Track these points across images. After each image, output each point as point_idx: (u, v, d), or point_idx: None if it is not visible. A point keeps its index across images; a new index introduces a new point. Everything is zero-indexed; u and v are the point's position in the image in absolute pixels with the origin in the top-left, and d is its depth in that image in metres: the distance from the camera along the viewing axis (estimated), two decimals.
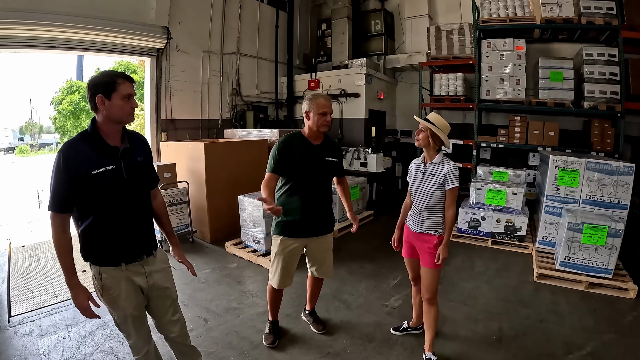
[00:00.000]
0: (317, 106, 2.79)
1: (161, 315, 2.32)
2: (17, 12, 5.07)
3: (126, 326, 2.18)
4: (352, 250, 5.40)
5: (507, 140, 7.05)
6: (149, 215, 2.26)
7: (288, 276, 3.05)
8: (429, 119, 2.74)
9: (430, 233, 2.75)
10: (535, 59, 6.97)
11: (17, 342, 3.23)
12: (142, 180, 2.16)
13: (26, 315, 3.66)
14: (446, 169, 2.67)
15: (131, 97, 1.99)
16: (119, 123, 2.02)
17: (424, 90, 8.25)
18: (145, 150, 2.23)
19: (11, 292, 4.09)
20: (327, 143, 2.99)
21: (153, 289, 2.22)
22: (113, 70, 1.99)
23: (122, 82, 1.95)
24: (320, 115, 2.79)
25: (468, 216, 5.60)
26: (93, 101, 1.92)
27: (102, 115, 1.96)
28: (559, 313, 3.62)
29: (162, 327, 2.36)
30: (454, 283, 4.30)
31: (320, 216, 3.01)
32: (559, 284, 4.22)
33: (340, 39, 9.34)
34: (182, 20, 7.12)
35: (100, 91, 1.91)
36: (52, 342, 3.21)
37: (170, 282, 2.34)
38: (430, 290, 2.80)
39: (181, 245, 2.54)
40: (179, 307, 2.41)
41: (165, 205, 2.46)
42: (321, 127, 2.82)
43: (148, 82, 6.97)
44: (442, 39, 7.73)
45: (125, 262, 2.08)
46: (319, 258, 3.13)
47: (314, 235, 3.01)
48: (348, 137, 8.76)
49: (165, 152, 6.56)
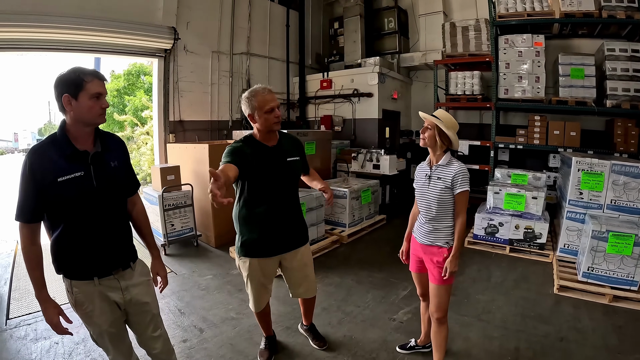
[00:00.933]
0: (261, 104, 2.37)
1: (141, 332, 2.17)
2: (32, 15, 5.12)
3: (103, 342, 2.06)
4: (361, 258, 5.17)
5: (526, 141, 6.72)
6: (124, 224, 2.10)
7: (264, 295, 2.73)
8: (437, 115, 2.43)
9: (439, 245, 2.44)
10: (555, 56, 6.65)
11: (11, 345, 3.18)
12: (116, 188, 1.98)
13: (23, 318, 3.60)
14: (454, 170, 2.37)
15: (101, 97, 1.82)
16: (88, 125, 1.85)
17: (439, 90, 7.97)
18: (120, 154, 2.05)
19: (12, 294, 4.10)
20: (283, 141, 2.59)
21: (131, 305, 2.06)
22: (81, 67, 1.80)
23: (91, 80, 1.77)
24: (267, 113, 2.38)
25: (485, 222, 5.29)
26: (60, 101, 1.76)
27: (70, 116, 1.79)
28: (581, 330, 3.31)
29: (144, 343, 2.22)
30: (469, 295, 4.01)
31: (290, 227, 2.64)
32: (581, 296, 3.90)
33: (352, 37, 9.14)
34: (190, 20, 7.03)
35: (67, 90, 1.74)
36: (45, 347, 3.14)
37: (151, 296, 2.18)
38: (440, 309, 2.49)
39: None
40: (160, 323, 2.25)
41: (146, 214, 2.29)
42: (273, 126, 2.43)
43: (156, 83, 6.92)
44: (457, 35, 7.44)
45: (98, 276, 1.93)
46: (297, 277, 2.77)
47: (286, 251, 2.64)
48: (361, 138, 8.57)
49: (172, 154, 6.46)
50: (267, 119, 2.40)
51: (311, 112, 9.61)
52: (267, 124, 2.42)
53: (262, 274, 2.63)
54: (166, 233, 5.29)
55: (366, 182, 6.52)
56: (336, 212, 6.05)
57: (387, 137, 8.82)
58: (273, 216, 2.53)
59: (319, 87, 9.21)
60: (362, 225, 6.25)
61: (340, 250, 5.53)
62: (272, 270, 2.67)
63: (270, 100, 2.40)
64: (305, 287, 2.83)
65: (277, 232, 2.56)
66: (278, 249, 2.62)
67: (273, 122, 2.42)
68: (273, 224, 2.54)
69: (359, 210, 6.21)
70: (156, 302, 2.23)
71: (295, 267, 2.74)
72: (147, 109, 11.78)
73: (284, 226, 2.59)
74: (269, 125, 2.43)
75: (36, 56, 14.28)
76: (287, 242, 2.65)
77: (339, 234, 5.81)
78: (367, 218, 6.48)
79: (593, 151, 6.01)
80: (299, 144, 2.75)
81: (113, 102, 13.90)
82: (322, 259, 5.13)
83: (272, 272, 2.69)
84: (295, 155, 2.63)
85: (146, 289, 2.15)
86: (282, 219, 2.57)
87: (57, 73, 1.80)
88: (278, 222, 2.56)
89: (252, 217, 2.49)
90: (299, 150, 2.71)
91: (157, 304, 2.23)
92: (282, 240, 2.61)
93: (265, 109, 2.38)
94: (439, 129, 2.39)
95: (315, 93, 9.29)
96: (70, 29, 5.47)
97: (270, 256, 2.60)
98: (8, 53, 5.53)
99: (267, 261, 2.59)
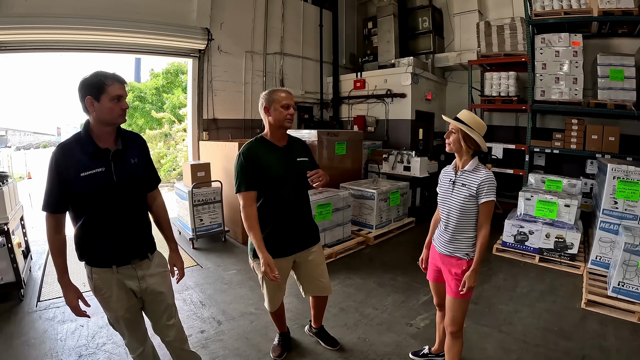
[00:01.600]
0: (278, 98, 2.44)
1: (156, 319, 2.28)
2: (83, 18, 5.51)
3: (119, 327, 2.19)
4: (386, 261, 5.09)
5: (563, 146, 6.39)
6: (143, 217, 2.19)
7: (279, 295, 2.75)
8: (460, 117, 2.31)
9: (459, 256, 2.31)
10: (593, 56, 6.29)
11: (39, 325, 3.39)
12: (135, 183, 2.09)
13: (53, 301, 3.84)
14: (480, 178, 2.22)
15: (121, 99, 1.95)
16: (109, 125, 1.98)
17: (474, 91, 7.74)
18: (141, 152, 2.17)
19: (44, 279, 4.37)
20: (293, 142, 2.64)
21: (146, 293, 2.17)
22: (103, 70, 1.93)
23: (112, 83, 1.90)
24: (282, 108, 2.43)
25: (515, 229, 5.07)
26: (83, 103, 1.90)
27: (93, 117, 1.94)
28: (605, 349, 3.08)
29: (158, 331, 2.32)
30: (491, 305, 3.84)
31: (303, 227, 2.66)
32: (610, 313, 3.63)
33: (386, 37, 9.03)
34: (224, 21, 7.20)
35: (90, 93, 1.88)
36: (70, 329, 3.33)
37: (166, 286, 2.27)
38: (455, 322, 2.36)
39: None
40: (175, 312, 2.35)
41: (165, 208, 2.38)
42: (285, 122, 2.46)
43: (190, 82, 7.13)
44: (492, 35, 7.19)
45: (116, 265, 2.05)
46: (310, 275, 2.76)
47: (299, 250, 2.66)
48: (394, 139, 8.46)
49: (204, 151, 6.64)
50: (281, 112, 2.44)
51: (345, 112, 9.58)
52: (280, 117, 2.45)
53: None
54: (195, 227, 5.43)
55: (395, 184, 6.42)
56: (363, 213, 6.00)
57: (420, 139, 8.65)
58: (285, 216, 2.55)
59: (352, 87, 9.17)
60: (390, 228, 6.16)
61: (366, 251, 5.47)
62: (285, 270, 2.68)
63: (287, 98, 2.47)
64: (318, 286, 2.82)
65: (289, 232, 2.58)
66: (291, 249, 2.63)
67: (285, 116, 2.45)
68: (286, 224, 2.56)
69: (386, 212, 6.12)
70: (171, 293, 2.32)
71: (308, 266, 2.74)
72: (185, 106, 12.13)
73: (296, 226, 2.61)
74: (281, 120, 2.46)
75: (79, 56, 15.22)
76: (299, 242, 2.66)
77: (365, 235, 5.76)
78: (395, 220, 6.38)
79: (632, 158, 5.65)
80: (306, 146, 2.78)
81: (152, 100, 14.46)
82: (346, 260, 5.11)
83: (286, 272, 2.69)
84: (304, 157, 2.66)
85: (162, 280, 2.24)
86: (294, 219, 2.59)
87: (80, 76, 1.92)
88: (290, 222, 2.57)
89: (265, 217, 2.50)
90: (306, 152, 2.73)
91: (172, 294, 2.33)
92: (295, 239, 2.63)
93: (282, 103, 2.44)
94: (463, 132, 2.27)
95: (349, 93, 9.26)
96: (109, 31, 5.76)
97: (284, 256, 2.61)
98: (52, 53, 5.92)
99: (281, 261, 2.59)
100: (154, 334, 2.34)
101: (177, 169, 12.90)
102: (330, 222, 5.17)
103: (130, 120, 13.90)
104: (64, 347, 3.06)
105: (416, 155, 7.13)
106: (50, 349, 3.04)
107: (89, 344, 3.12)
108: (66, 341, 3.15)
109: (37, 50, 5.66)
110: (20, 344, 3.09)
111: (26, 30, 5.24)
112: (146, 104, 14.31)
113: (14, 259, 3.76)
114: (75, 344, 3.12)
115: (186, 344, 2.45)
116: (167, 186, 11.41)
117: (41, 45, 5.58)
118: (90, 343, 3.13)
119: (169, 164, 13.04)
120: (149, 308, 2.23)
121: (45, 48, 5.66)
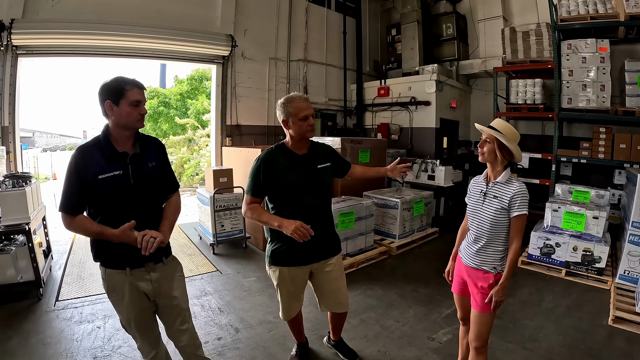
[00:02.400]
0: (296, 111, 2.35)
1: (169, 324, 2.26)
2: (109, 24, 5.68)
3: (131, 330, 2.18)
4: (408, 271, 4.94)
5: (590, 155, 6.10)
6: (159, 221, 2.13)
7: (295, 304, 2.68)
8: (494, 126, 2.19)
9: (486, 270, 2.20)
10: (621, 62, 6.03)
11: (56, 325, 3.42)
12: (151, 186, 2.08)
13: (71, 301, 3.87)
14: (512, 190, 2.11)
15: (140, 104, 1.97)
16: (128, 129, 2.00)
17: (499, 98, 7.51)
18: (159, 155, 2.16)
19: (64, 279, 4.41)
20: (314, 148, 2.56)
21: (160, 297, 2.15)
22: (123, 76, 1.95)
23: (131, 89, 1.93)
24: (301, 120, 2.36)
25: (541, 241, 4.84)
26: (103, 107, 1.93)
27: (112, 121, 1.96)
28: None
29: (171, 335, 2.29)
30: (516, 320, 3.65)
31: (321, 236, 2.50)
32: (638, 330, 3.40)
33: (410, 44, 8.92)
34: (248, 28, 7.27)
35: (109, 97, 1.91)
36: (87, 330, 3.34)
37: (180, 291, 2.24)
38: (479, 338, 2.25)
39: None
40: (188, 317, 2.31)
41: (178, 205, 2.29)
42: (306, 133, 2.40)
43: (214, 88, 7.21)
44: (517, 41, 6.96)
45: (130, 267, 2.03)
46: (327, 289, 2.66)
47: (316, 261, 2.56)
48: (417, 148, 8.32)
49: (227, 157, 6.65)
50: (301, 126, 2.38)
51: (368, 119, 9.49)
52: (301, 130, 2.39)
53: (292, 283, 2.57)
54: (216, 233, 5.41)
55: (419, 193, 6.26)
56: (386, 222, 5.87)
57: (444, 147, 8.46)
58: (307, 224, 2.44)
59: (376, 95, 9.08)
60: (413, 238, 6.00)
61: (388, 261, 5.33)
62: (302, 279, 2.61)
63: (305, 108, 2.38)
64: (334, 301, 2.71)
65: (307, 241, 2.43)
66: (308, 259, 2.55)
67: (306, 129, 2.39)
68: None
69: (410, 221, 5.97)
70: (185, 297, 2.29)
71: (325, 279, 2.64)
72: (209, 112, 12.29)
73: (314, 235, 2.46)
74: (302, 133, 2.40)
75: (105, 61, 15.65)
76: (317, 252, 2.56)
77: (388, 245, 5.62)
78: (418, 230, 6.22)
79: None
80: (329, 148, 2.70)
81: (176, 106, 14.71)
82: (368, 270, 4.99)
83: (302, 281, 2.62)
84: (326, 162, 2.57)
85: (176, 284, 2.22)
86: (315, 228, 2.44)
87: (101, 81, 1.95)
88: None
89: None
90: (329, 155, 2.65)
91: (186, 299, 2.29)
92: (312, 249, 2.50)
93: (300, 116, 2.36)
94: (499, 142, 2.15)
95: (373, 100, 9.18)
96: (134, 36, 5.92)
97: (300, 265, 2.54)
98: (78, 58, 6.14)
99: (297, 271, 2.53)
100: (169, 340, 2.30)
101: (200, 173, 13.04)
102: (352, 231, 5.06)
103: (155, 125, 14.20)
104: (79, 348, 3.07)
105: (440, 164, 6.96)
106: (66, 348, 3.05)
107: (104, 345, 3.12)
108: (82, 342, 3.16)
109: (63, 55, 5.86)
110: (36, 342, 3.12)
111: (52, 36, 5.42)
112: (170, 109, 14.59)
113: (34, 258, 3.82)
114: (91, 345, 3.12)
115: (199, 349, 2.39)
116: (190, 191, 11.53)
117: (67, 51, 5.76)
118: (105, 345, 3.12)
119: (192, 169, 13.21)
120: (162, 312, 2.22)
121: (71, 53, 5.85)
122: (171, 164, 2.34)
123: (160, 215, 2.16)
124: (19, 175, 4.23)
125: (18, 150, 5.59)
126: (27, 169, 6.34)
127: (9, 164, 5.27)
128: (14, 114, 5.46)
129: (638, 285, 3.83)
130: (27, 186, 4.01)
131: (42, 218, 4.73)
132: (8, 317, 3.46)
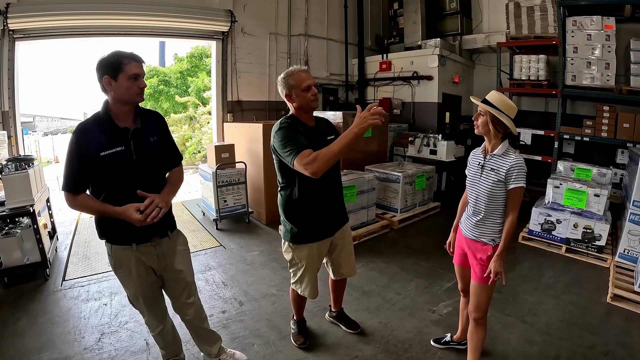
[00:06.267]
0: (297, 82, 2.31)
1: (175, 297, 2.30)
2: (104, 3, 5.57)
3: (138, 305, 2.21)
4: (410, 245, 5.00)
5: (593, 133, 6.01)
6: None
7: (316, 280, 2.68)
8: (489, 99, 2.17)
9: (485, 242, 2.23)
10: (626, 41, 5.85)
11: (64, 304, 3.48)
12: (154, 160, 2.07)
13: (78, 280, 3.93)
14: (509, 163, 2.11)
15: (139, 77, 1.92)
16: (127, 104, 1.96)
17: (502, 74, 7.38)
18: (160, 129, 2.14)
19: (70, 259, 4.45)
20: (320, 121, 2.55)
21: (166, 271, 2.19)
22: (120, 50, 1.90)
23: (129, 62, 1.88)
24: (304, 91, 2.32)
25: (542, 217, 4.85)
26: (101, 82, 1.89)
27: (111, 96, 1.93)
28: (630, 346, 2.90)
29: (177, 309, 2.34)
30: (516, 294, 3.69)
31: (339, 206, 2.62)
32: (636, 309, 3.43)
33: (412, 18, 8.70)
34: (247, 3, 7.11)
35: (107, 72, 1.86)
36: (94, 308, 3.40)
37: (185, 265, 2.28)
38: (479, 308, 2.30)
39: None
40: (194, 291, 2.36)
41: (181, 176, 2.29)
42: (311, 103, 2.35)
43: (214, 64, 7.12)
44: (522, 16, 6.78)
45: (136, 242, 2.05)
46: (343, 256, 2.73)
47: (339, 228, 2.64)
48: (420, 122, 8.25)
49: (228, 133, 6.63)
50: (305, 96, 2.34)
51: (370, 94, 9.38)
52: (305, 101, 2.35)
53: (319, 259, 2.62)
54: (218, 208, 5.45)
55: (421, 168, 6.26)
56: (388, 196, 5.89)
57: (447, 122, 8.40)
58: (327, 196, 2.50)
59: (378, 69, 8.94)
60: (414, 212, 6.04)
61: (390, 235, 5.38)
62: (324, 253, 2.66)
63: (306, 79, 2.34)
64: (348, 267, 2.79)
65: (330, 212, 2.54)
66: (333, 228, 2.61)
67: (310, 99, 2.35)
68: (327, 205, 2.51)
69: (412, 195, 5.99)
70: (191, 271, 2.33)
71: (343, 245, 2.71)
72: (209, 89, 12.18)
73: (335, 205, 2.57)
74: (307, 103, 2.36)
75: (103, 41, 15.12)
76: (337, 221, 2.63)
77: (389, 219, 5.66)
78: (420, 204, 6.25)
79: None
80: (330, 124, 2.67)
81: (177, 84, 14.56)
82: (370, 243, 5.04)
83: (324, 256, 2.68)
84: (332, 134, 2.55)
85: (182, 258, 2.24)
86: (333, 199, 2.55)
87: (98, 56, 1.90)
88: (331, 202, 2.54)
89: (308, 200, 2.42)
90: (332, 128, 2.63)
91: (192, 273, 2.33)
92: (334, 219, 2.60)
93: (303, 86, 2.33)
94: (491, 115, 2.14)
95: (375, 75, 9.05)
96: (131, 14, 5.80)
97: (328, 237, 2.59)
98: (75, 39, 6.04)
99: (323, 244, 2.58)
100: (174, 313, 2.35)
101: (201, 151, 13.03)
102: (354, 205, 5.08)
103: (155, 104, 14.10)
104: (87, 325, 3.13)
105: (443, 138, 6.92)
106: (74, 326, 3.11)
107: (111, 322, 3.17)
108: (89, 319, 3.21)
109: (60, 36, 5.76)
110: (44, 321, 3.17)
111: (48, 17, 5.32)
112: (171, 88, 14.45)
113: (39, 239, 3.85)
114: (98, 322, 3.18)
115: (205, 322, 2.46)
116: (192, 168, 11.54)
117: (63, 32, 5.68)
118: (112, 321, 3.18)
119: (194, 147, 13.18)
120: (168, 286, 2.25)
121: (67, 34, 5.75)
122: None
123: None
124: (21, 158, 4.24)
125: (19, 135, 5.59)
126: (29, 153, 6.34)
127: (10, 148, 5.27)
128: (14, 99, 5.43)
129: (637, 264, 3.85)
130: (30, 168, 4.02)
131: (46, 200, 4.76)
132: (16, 299, 3.50)
